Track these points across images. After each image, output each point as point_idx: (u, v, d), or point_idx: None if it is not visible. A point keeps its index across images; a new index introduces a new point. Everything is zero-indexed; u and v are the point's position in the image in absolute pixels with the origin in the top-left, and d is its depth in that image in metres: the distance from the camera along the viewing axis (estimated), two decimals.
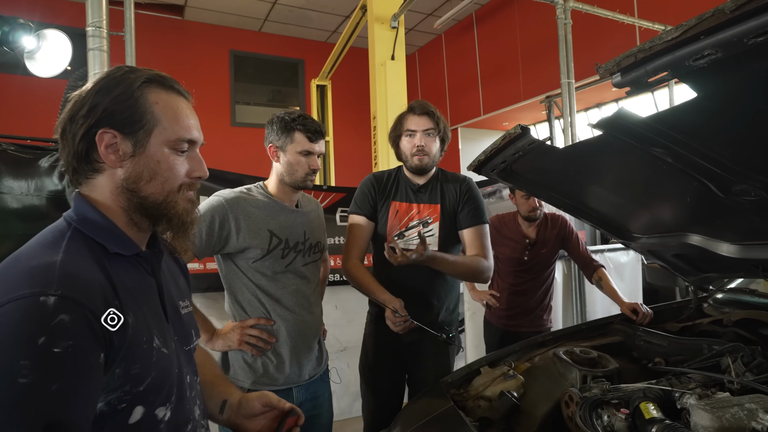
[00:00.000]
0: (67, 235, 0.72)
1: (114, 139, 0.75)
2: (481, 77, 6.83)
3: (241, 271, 1.50)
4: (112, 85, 0.75)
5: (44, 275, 0.63)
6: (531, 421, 1.43)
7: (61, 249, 0.68)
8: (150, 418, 0.72)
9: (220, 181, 2.44)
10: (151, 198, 0.77)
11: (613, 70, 0.91)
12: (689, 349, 1.52)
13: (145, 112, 0.76)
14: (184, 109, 0.81)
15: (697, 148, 1.07)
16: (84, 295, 0.64)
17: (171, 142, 0.78)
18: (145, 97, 0.76)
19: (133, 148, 0.76)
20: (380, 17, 3.59)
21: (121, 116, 0.74)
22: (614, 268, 3.29)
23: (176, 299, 0.87)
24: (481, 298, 2.48)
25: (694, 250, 1.58)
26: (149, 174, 0.76)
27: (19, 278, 0.63)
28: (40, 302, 0.60)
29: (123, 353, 0.68)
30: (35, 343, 0.58)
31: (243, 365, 1.49)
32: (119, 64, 0.84)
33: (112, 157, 0.75)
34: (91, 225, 0.74)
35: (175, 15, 6.69)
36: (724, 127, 1.00)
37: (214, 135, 6.72)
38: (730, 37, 0.72)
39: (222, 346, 1.47)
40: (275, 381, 1.49)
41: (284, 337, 1.50)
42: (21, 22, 1.62)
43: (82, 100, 0.75)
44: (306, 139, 1.51)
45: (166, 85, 0.80)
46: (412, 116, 1.79)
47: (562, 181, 1.58)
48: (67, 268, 0.65)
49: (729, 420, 1.03)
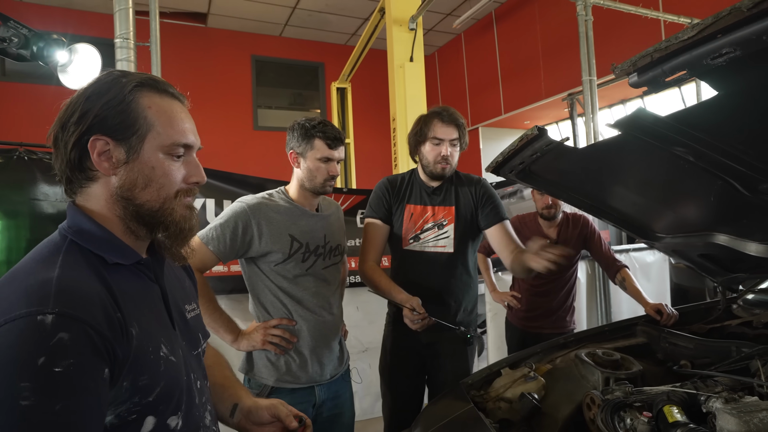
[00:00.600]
0: (62, 248, 0.69)
1: (107, 145, 0.72)
2: (502, 76, 6.77)
3: (264, 273, 1.54)
4: (102, 91, 0.73)
5: (40, 293, 0.61)
6: (552, 423, 1.42)
7: (57, 264, 0.66)
8: (162, 428, 0.71)
9: (243, 185, 2.49)
10: (147, 205, 0.75)
11: (630, 71, 0.91)
12: (716, 352, 1.48)
13: (137, 117, 0.73)
14: (179, 113, 0.78)
15: (720, 146, 1.05)
16: (83, 310, 0.62)
17: (166, 147, 0.75)
18: (138, 101, 0.73)
19: (126, 154, 0.73)
20: (398, 19, 3.60)
21: (113, 122, 0.72)
22: (640, 268, 3.22)
23: (182, 303, 0.86)
24: (502, 299, 2.47)
25: (721, 250, 1.54)
26: (144, 181, 0.74)
27: (15, 297, 0.61)
28: (38, 321, 0.58)
29: (129, 365, 0.66)
30: (35, 364, 0.57)
31: (267, 363, 1.53)
32: (110, 69, 0.80)
33: (105, 165, 0.72)
34: (88, 236, 0.72)
35: (198, 23, 6.85)
36: (748, 125, 0.97)
37: (237, 139, 6.86)
38: (749, 35, 0.71)
39: (246, 345, 1.51)
40: (298, 379, 1.53)
41: (306, 337, 1.54)
42: (54, 38, 1.70)
43: (73, 106, 0.73)
44: (326, 146, 1.53)
45: (159, 89, 0.77)
46: (440, 124, 1.78)
47: (582, 181, 1.56)
48: (63, 284, 0.63)
49: (757, 425, 1.00)
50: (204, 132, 3.92)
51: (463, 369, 1.79)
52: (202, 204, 2.39)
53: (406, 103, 3.51)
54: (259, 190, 1.71)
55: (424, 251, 1.80)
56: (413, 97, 3.52)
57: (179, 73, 6.44)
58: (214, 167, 2.71)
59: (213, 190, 2.43)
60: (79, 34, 5.02)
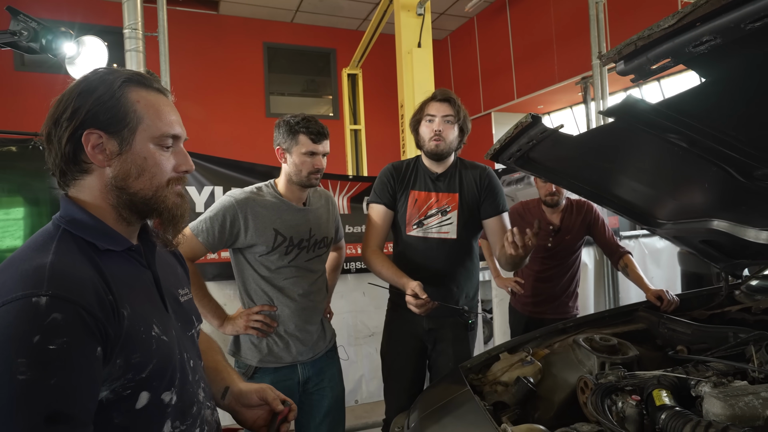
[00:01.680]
0: (56, 237, 0.73)
1: (100, 139, 0.75)
2: (515, 60, 6.66)
3: (249, 263, 1.64)
4: (92, 87, 0.76)
5: (35, 277, 0.65)
6: (548, 406, 1.45)
7: (50, 251, 0.70)
8: (156, 403, 0.75)
9: (250, 173, 2.55)
10: (141, 194, 0.79)
11: (615, 59, 0.91)
12: (713, 337, 1.49)
13: (128, 110, 0.77)
14: (165, 106, 0.82)
15: (712, 133, 1.05)
16: (75, 292, 0.66)
17: (156, 138, 0.79)
18: (126, 96, 0.77)
19: (119, 146, 0.77)
20: (406, 5, 3.57)
21: (104, 116, 0.75)
22: (650, 254, 3.19)
23: (174, 288, 0.91)
24: (506, 285, 2.48)
25: (721, 237, 1.54)
26: (137, 171, 0.78)
27: (12, 282, 0.65)
28: (33, 303, 0.63)
29: (121, 344, 0.70)
30: (30, 342, 0.61)
31: (250, 346, 1.64)
32: (97, 68, 0.83)
33: (99, 157, 0.76)
34: (80, 225, 0.76)
35: (210, 10, 6.88)
36: (737, 111, 0.97)
37: (250, 126, 6.91)
38: (727, 23, 0.71)
39: (231, 330, 1.63)
40: (280, 359, 1.64)
41: (286, 322, 1.64)
42: (63, 31, 1.75)
43: (65, 103, 0.76)
44: (309, 140, 1.60)
45: (145, 84, 0.81)
46: (433, 102, 1.83)
47: (581, 167, 1.56)
48: (57, 269, 0.67)
49: (742, 408, 1.02)
50: (217, 119, 4.07)
51: (464, 353, 1.82)
52: (210, 191, 2.45)
53: (414, 89, 3.50)
54: (266, 178, 1.77)
55: (428, 237, 1.82)
56: (421, 83, 3.51)
57: (192, 60, 6.51)
58: (228, 154, 2.77)
59: (222, 177, 2.49)
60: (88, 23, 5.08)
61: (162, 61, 2.52)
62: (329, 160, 1.73)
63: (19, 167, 2.23)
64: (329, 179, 2.73)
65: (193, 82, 6.51)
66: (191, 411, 0.83)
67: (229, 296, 2.38)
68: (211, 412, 0.91)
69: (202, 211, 1.70)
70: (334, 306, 2.11)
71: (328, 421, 1.72)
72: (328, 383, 1.72)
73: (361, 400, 2.74)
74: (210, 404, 0.91)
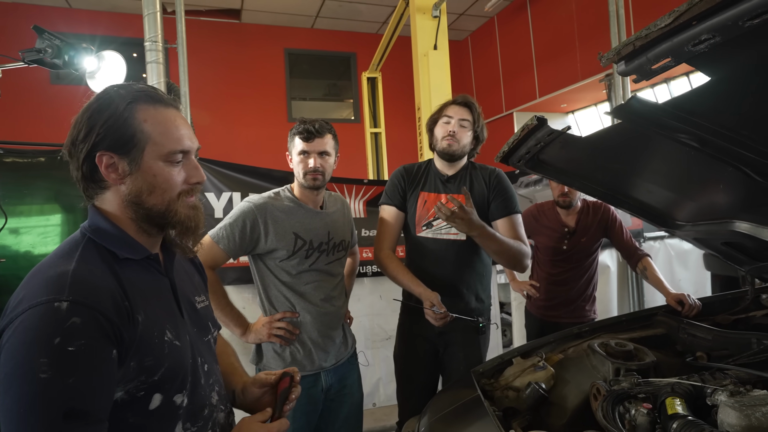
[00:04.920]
0: (81, 245, 0.79)
1: (112, 159, 0.79)
2: (536, 59, 6.56)
3: (269, 269, 1.63)
4: (102, 108, 0.80)
5: (58, 284, 0.70)
6: (561, 413, 1.42)
7: (74, 259, 0.75)
8: (168, 404, 0.79)
9: (268, 178, 2.59)
10: (155, 209, 0.83)
11: (614, 59, 0.89)
12: (736, 344, 1.43)
13: (134, 131, 0.80)
14: (173, 121, 0.84)
15: (723, 132, 1.01)
16: (93, 299, 0.71)
17: (164, 156, 0.82)
18: (134, 116, 0.80)
19: (129, 166, 0.80)
20: (422, 7, 3.57)
21: (113, 137, 0.79)
22: (676, 256, 3.08)
23: (191, 295, 0.94)
24: (521, 289, 2.45)
25: (744, 238, 1.48)
26: (148, 188, 0.81)
27: (38, 287, 0.71)
28: (54, 308, 0.68)
29: (135, 348, 0.75)
30: (51, 343, 0.66)
31: (274, 355, 1.63)
32: (109, 85, 0.86)
33: (113, 176, 0.80)
34: (103, 234, 0.81)
35: (233, 19, 7.02)
36: (746, 110, 0.94)
37: (272, 131, 7.02)
38: (725, 21, 0.69)
39: (254, 338, 1.62)
40: (303, 367, 1.61)
41: (309, 329, 1.62)
42: (84, 47, 1.84)
43: (79, 125, 0.80)
44: (301, 140, 1.61)
45: (154, 99, 0.83)
46: (453, 105, 1.85)
47: (593, 169, 1.53)
48: (78, 276, 0.72)
49: (759, 419, 0.98)
50: (240, 125, 4.18)
51: (475, 357, 1.81)
52: (228, 197, 2.50)
53: (430, 91, 3.49)
54: (283, 183, 1.79)
55: (437, 238, 1.82)
56: (438, 85, 3.50)
57: (215, 68, 6.66)
58: (251, 159, 2.82)
59: (239, 183, 2.54)
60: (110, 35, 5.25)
61: (181, 72, 2.59)
62: (351, 163, 1.75)
63: (54, 176, 2.34)
64: (345, 183, 2.75)
65: (216, 89, 6.67)
66: (203, 413, 0.86)
67: (247, 300, 2.42)
68: (226, 415, 0.94)
69: (221, 217, 1.73)
70: (351, 309, 2.12)
71: (346, 426, 1.71)
72: (349, 390, 1.71)
73: (379, 403, 2.74)
74: (224, 407, 0.94)
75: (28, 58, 1.71)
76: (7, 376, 0.66)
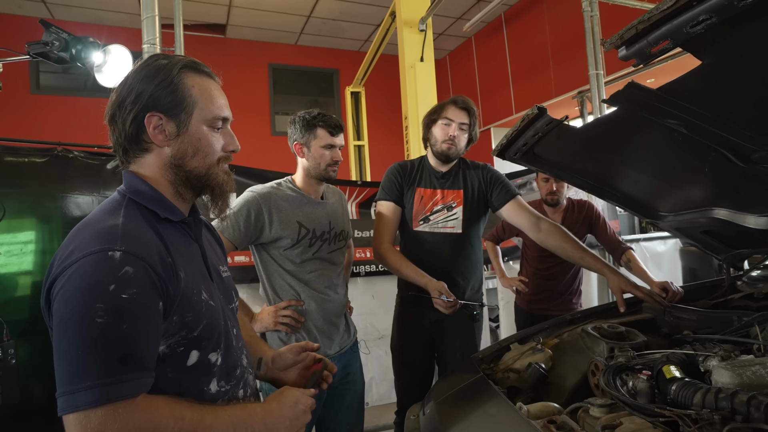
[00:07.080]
0: (123, 204, 0.82)
1: (160, 121, 0.83)
2: (512, 76, 6.83)
3: (273, 259, 1.65)
4: (153, 73, 0.84)
5: (110, 235, 0.73)
6: (559, 392, 1.47)
7: (120, 214, 0.78)
8: (204, 361, 0.83)
9: (262, 179, 2.60)
10: (196, 171, 0.87)
11: (618, 44, 0.98)
12: (718, 322, 1.52)
13: (185, 95, 0.84)
14: (216, 90, 0.90)
15: (709, 116, 1.11)
16: (143, 251, 0.74)
17: (208, 121, 0.87)
18: (183, 82, 0.85)
19: (177, 128, 0.85)
20: (409, 21, 3.72)
21: (164, 100, 0.83)
22: (651, 258, 3.24)
23: (217, 264, 0.98)
24: (510, 284, 2.53)
25: (722, 225, 1.59)
26: (193, 150, 0.86)
27: (90, 238, 0.74)
28: (109, 256, 0.71)
29: (178, 303, 0.78)
30: (107, 290, 0.69)
31: (279, 343, 1.64)
32: (153, 54, 0.92)
33: (160, 137, 0.84)
34: (143, 195, 0.84)
35: (218, 34, 7.08)
36: (733, 92, 1.03)
37: (256, 144, 7.02)
38: (722, 1, 0.78)
39: (260, 327, 1.64)
40: None
41: (313, 316, 1.65)
42: (91, 41, 1.86)
43: (128, 87, 0.84)
44: (328, 133, 1.66)
45: (199, 70, 0.88)
46: (453, 107, 1.91)
47: (584, 161, 1.63)
48: (127, 229, 0.75)
49: (750, 377, 1.06)
50: None
51: (471, 345, 1.86)
52: None
53: (417, 101, 3.61)
54: None
55: (434, 232, 1.89)
56: (424, 96, 3.62)
57: None
58: None
59: (236, 184, 2.56)
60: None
61: None
62: None
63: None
64: (338, 185, 2.80)
65: None
66: (235, 373, 0.89)
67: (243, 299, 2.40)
68: (253, 378, 0.97)
69: None
70: None
71: (350, 414, 1.73)
72: (352, 378, 1.74)
73: (372, 402, 2.75)
74: (251, 370, 0.97)
75: (33, 51, 1.71)
76: (63, 321, 0.68)
